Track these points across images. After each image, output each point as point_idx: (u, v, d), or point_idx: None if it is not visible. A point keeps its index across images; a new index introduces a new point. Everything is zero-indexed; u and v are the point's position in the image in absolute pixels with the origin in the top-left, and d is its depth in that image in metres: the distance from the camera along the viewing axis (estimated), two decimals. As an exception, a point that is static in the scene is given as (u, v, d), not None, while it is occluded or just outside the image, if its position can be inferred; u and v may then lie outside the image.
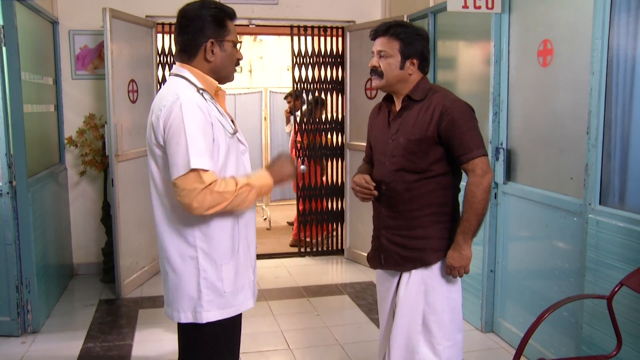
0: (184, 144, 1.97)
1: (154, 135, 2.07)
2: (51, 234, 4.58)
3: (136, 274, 4.99)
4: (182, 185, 1.97)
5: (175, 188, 1.99)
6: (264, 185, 2.14)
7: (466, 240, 2.37)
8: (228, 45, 2.15)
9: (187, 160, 1.95)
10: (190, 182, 1.96)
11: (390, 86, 2.47)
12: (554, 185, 3.34)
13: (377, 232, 2.61)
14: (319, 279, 5.33)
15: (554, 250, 3.31)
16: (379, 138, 2.56)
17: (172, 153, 1.99)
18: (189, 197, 1.96)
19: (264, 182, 2.15)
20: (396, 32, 2.42)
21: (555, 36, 3.30)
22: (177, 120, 1.98)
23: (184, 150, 1.96)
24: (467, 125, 2.33)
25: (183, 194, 1.97)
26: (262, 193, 2.14)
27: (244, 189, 2.05)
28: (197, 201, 1.95)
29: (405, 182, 2.42)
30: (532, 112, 3.56)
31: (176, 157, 1.98)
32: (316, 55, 5.80)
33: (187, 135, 1.97)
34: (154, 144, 2.08)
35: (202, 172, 1.96)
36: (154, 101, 2.12)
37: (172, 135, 1.99)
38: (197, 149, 1.97)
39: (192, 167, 1.95)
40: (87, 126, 5.11)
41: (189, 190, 1.96)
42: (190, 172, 1.96)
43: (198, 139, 1.98)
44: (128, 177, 4.79)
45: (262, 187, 2.13)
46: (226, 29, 2.14)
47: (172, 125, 1.99)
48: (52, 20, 4.99)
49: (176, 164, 1.98)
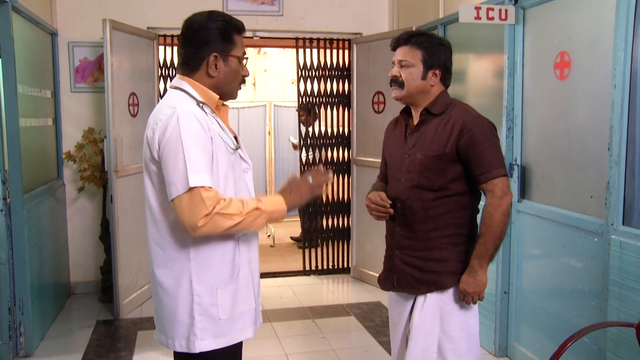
0: (181, 161, 1.86)
1: (149, 150, 1.97)
2: (48, 252, 4.47)
3: (135, 294, 4.87)
4: (181, 205, 1.86)
5: (174, 208, 1.88)
6: (276, 211, 2.03)
7: (482, 265, 2.27)
8: (233, 60, 2.05)
9: (186, 177, 1.85)
10: (190, 202, 1.85)
11: (411, 97, 2.38)
12: (573, 204, 3.22)
13: (390, 253, 2.50)
14: (325, 299, 5.22)
15: (573, 271, 3.18)
16: (395, 153, 2.47)
17: (169, 170, 1.89)
18: (190, 217, 1.85)
19: (277, 208, 2.03)
20: (419, 40, 2.34)
21: (574, 48, 3.20)
22: (174, 135, 1.88)
23: (182, 167, 1.86)
24: (488, 143, 2.25)
25: (183, 214, 1.86)
26: (272, 219, 2.03)
27: (253, 213, 1.95)
28: (200, 221, 1.85)
29: (422, 200, 2.33)
30: (549, 127, 3.45)
31: (174, 175, 1.87)
32: (322, 68, 5.72)
33: (185, 150, 1.86)
34: (149, 159, 1.98)
35: (202, 189, 1.86)
36: (150, 115, 2.02)
37: (168, 151, 1.89)
38: (196, 165, 1.86)
39: (191, 185, 1.84)
40: (86, 141, 5.03)
41: (190, 210, 1.85)
42: (190, 190, 1.85)
43: (196, 155, 1.87)
44: (128, 194, 4.70)
45: (274, 212, 2.02)
46: (232, 43, 2.04)
47: (169, 141, 1.88)
48: (51, 31, 4.92)
49: (174, 182, 1.87)
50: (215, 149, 1.95)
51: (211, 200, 1.86)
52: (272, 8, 5.46)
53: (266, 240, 7.30)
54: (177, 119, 1.88)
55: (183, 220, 1.87)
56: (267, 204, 2.00)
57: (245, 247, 2.08)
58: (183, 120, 1.89)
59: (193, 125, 1.90)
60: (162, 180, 1.94)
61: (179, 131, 1.87)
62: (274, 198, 2.05)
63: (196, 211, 1.85)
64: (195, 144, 1.88)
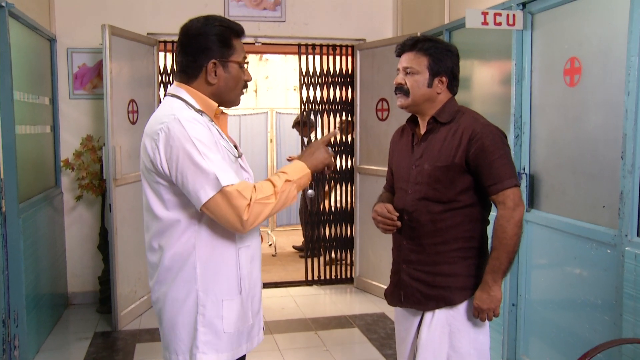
0: (202, 164, 1.80)
1: (151, 163, 1.88)
2: (44, 262, 4.40)
3: (134, 305, 4.79)
4: (218, 206, 1.81)
5: (210, 212, 1.83)
6: (303, 177, 1.98)
7: (496, 280, 2.19)
8: (233, 66, 1.97)
9: (215, 178, 1.79)
10: (227, 200, 1.79)
11: (417, 105, 2.30)
12: (584, 214, 3.14)
13: (396, 267, 2.41)
14: (328, 310, 5.13)
15: (584, 284, 3.09)
16: (402, 163, 2.39)
17: (190, 178, 1.81)
18: (234, 214, 1.80)
19: (302, 174, 1.98)
20: (424, 47, 2.26)
21: (584, 54, 3.12)
22: (184, 141, 1.81)
23: (206, 169, 1.80)
24: (499, 152, 2.16)
25: (223, 214, 1.81)
26: (302, 185, 1.98)
27: (285, 186, 1.90)
28: (244, 214, 1.80)
29: (430, 212, 2.24)
30: (558, 135, 3.37)
31: (199, 180, 1.80)
32: (325, 75, 5.67)
33: (202, 153, 1.80)
34: (154, 172, 1.89)
35: (232, 185, 1.81)
36: (147, 124, 1.94)
37: (183, 159, 1.81)
38: (219, 165, 1.82)
39: (223, 184, 1.79)
40: (85, 148, 4.96)
41: (230, 208, 1.80)
42: (222, 190, 1.80)
43: (215, 155, 1.82)
44: (127, 202, 4.62)
45: (301, 178, 1.97)
46: (232, 48, 1.96)
47: (180, 149, 1.81)
48: (50, 37, 4.87)
49: (202, 186, 1.80)
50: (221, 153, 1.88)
51: (247, 191, 1.82)
52: (275, 14, 5.41)
53: (268, 249, 7.23)
54: (181, 125, 1.82)
55: (227, 220, 1.82)
56: (292, 173, 1.95)
57: (246, 259, 2.01)
58: (187, 124, 1.83)
59: (200, 129, 1.84)
60: (174, 192, 1.87)
61: (187, 136, 1.81)
62: (295, 164, 2.00)
63: (237, 207, 1.80)
64: (209, 145, 1.83)
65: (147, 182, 1.94)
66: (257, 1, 5.35)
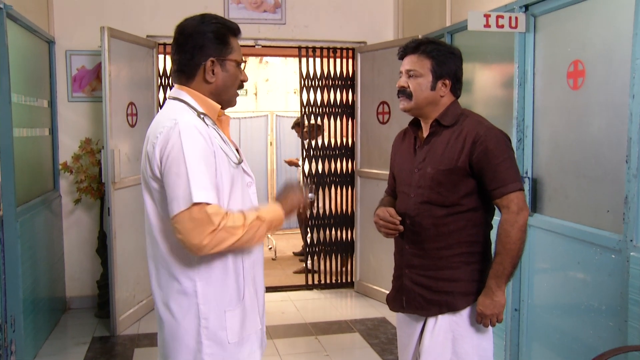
0: (184, 175, 1.75)
1: (149, 166, 1.86)
2: (42, 266, 4.37)
3: (133, 309, 4.75)
4: (183, 223, 1.75)
5: (176, 225, 1.77)
6: (275, 219, 1.93)
7: (499, 286, 2.17)
8: (230, 64, 1.95)
9: (189, 193, 1.74)
10: (193, 219, 1.73)
11: (419, 109, 2.27)
12: (587, 219, 3.10)
13: (399, 272, 2.38)
14: (328, 315, 5.10)
15: (588, 289, 3.06)
16: (404, 167, 2.36)
17: (171, 186, 1.78)
18: (192, 235, 1.73)
19: (275, 216, 1.93)
20: (427, 49, 2.24)
21: (588, 56, 3.09)
22: (176, 149, 1.77)
23: (184, 182, 1.75)
24: (502, 155, 2.15)
25: (186, 232, 1.74)
26: (272, 227, 1.92)
27: (254, 223, 1.84)
28: (206, 239, 1.73)
29: (433, 216, 2.22)
30: (561, 139, 3.34)
31: (176, 190, 1.76)
32: (325, 78, 5.64)
33: (188, 165, 1.75)
34: (150, 176, 1.87)
35: (206, 206, 1.74)
36: (149, 128, 1.91)
37: (170, 165, 1.78)
38: (199, 181, 1.75)
39: (195, 200, 1.73)
40: (83, 151, 4.93)
41: (193, 227, 1.73)
42: (193, 206, 1.73)
43: (200, 169, 1.76)
44: (125, 206, 4.59)
45: (273, 220, 1.92)
46: (229, 46, 1.94)
47: (171, 155, 1.78)
48: (48, 39, 4.84)
49: (176, 197, 1.76)
50: (218, 163, 1.84)
51: (217, 216, 1.75)
52: (275, 16, 5.39)
53: (268, 253, 7.19)
54: (178, 132, 1.78)
55: (186, 239, 1.75)
56: (265, 212, 1.90)
57: (249, 265, 1.98)
58: (185, 133, 1.78)
59: (196, 138, 1.79)
60: (164, 198, 1.83)
61: (180, 144, 1.77)
62: (270, 206, 1.96)
63: (201, 229, 1.74)
64: (198, 158, 1.78)
65: (147, 187, 1.91)
66: (257, 3, 5.33)
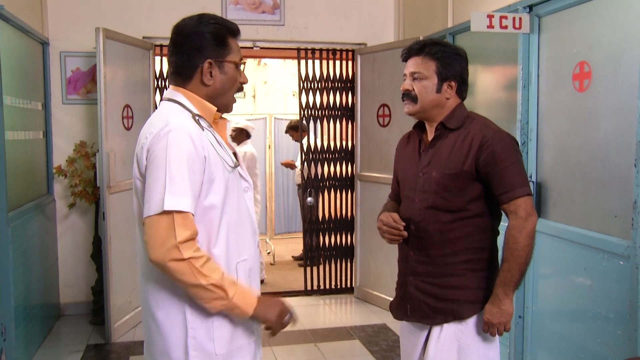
0: (161, 179, 1.69)
1: (137, 167, 1.81)
2: (36, 272, 4.31)
3: (128, 315, 4.70)
4: (150, 229, 1.69)
5: (145, 229, 1.71)
6: (239, 308, 1.77)
7: (507, 293, 2.12)
8: (229, 66, 1.88)
9: (162, 199, 1.67)
10: (158, 227, 1.67)
11: (425, 112, 2.23)
12: (594, 224, 3.06)
13: (403, 279, 2.33)
14: (328, 321, 5.05)
15: (595, 296, 3.01)
16: (408, 171, 2.31)
17: (147, 187, 1.72)
18: (156, 245, 1.67)
19: (243, 306, 1.77)
20: (432, 51, 2.20)
21: (594, 58, 3.05)
22: (161, 151, 1.72)
23: (160, 185, 1.69)
24: (510, 159, 2.10)
25: (150, 240, 1.69)
26: (229, 310, 1.78)
27: (218, 291, 1.72)
28: (171, 252, 1.66)
29: (438, 222, 2.17)
30: (567, 142, 3.30)
31: (151, 193, 1.70)
32: (324, 80, 5.60)
33: (168, 168, 1.69)
34: (137, 177, 1.82)
35: (177, 215, 1.68)
36: (142, 130, 1.86)
37: (151, 166, 1.72)
38: (177, 186, 1.69)
39: (166, 208, 1.66)
40: (78, 155, 4.88)
41: (157, 236, 1.67)
42: (163, 213, 1.67)
43: (181, 175, 1.70)
44: (121, 211, 4.54)
45: (236, 307, 1.76)
46: (227, 47, 1.87)
47: (155, 155, 1.72)
48: (42, 41, 4.79)
49: (148, 200, 1.70)
50: (211, 169, 1.78)
51: (183, 231, 1.67)
52: (273, 17, 5.34)
53: (266, 257, 7.14)
54: (167, 133, 1.73)
55: (148, 246, 1.69)
56: (239, 294, 1.76)
57: (244, 273, 1.91)
58: (174, 136, 1.72)
59: (184, 142, 1.73)
60: None
61: (166, 147, 1.71)
62: (248, 295, 1.80)
63: (164, 240, 1.67)
64: (181, 163, 1.71)
65: (136, 191, 1.85)
66: (256, 4, 5.28)
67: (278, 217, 8.42)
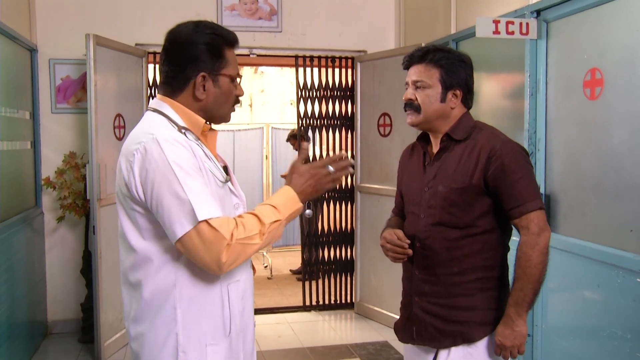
0: (180, 193, 1.61)
1: (125, 186, 1.70)
2: (22, 288, 4.22)
3: (119, 334, 4.60)
4: (193, 243, 1.61)
5: (183, 248, 1.63)
6: (293, 213, 1.77)
7: (520, 314, 2.03)
8: (224, 80, 1.79)
9: (191, 210, 1.60)
10: (202, 237, 1.60)
11: (429, 122, 2.15)
12: (608, 238, 2.96)
13: (408, 299, 2.24)
14: (327, 339, 4.95)
15: (610, 315, 2.91)
16: (412, 185, 2.23)
17: (167, 207, 1.63)
18: (210, 254, 1.60)
19: (294, 208, 1.77)
20: (435, 57, 2.12)
21: (606, 64, 2.97)
22: (162, 166, 1.62)
23: (183, 200, 1.61)
24: (521, 171, 2.02)
25: (197, 252, 1.62)
26: (290, 220, 1.78)
27: (273, 226, 1.70)
28: (223, 255, 1.60)
29: (445, 239, 2.09)
30: (577, 152, 3.21)
31: (175, 211, 1.62)
32: (323, 88, 5.53)
33: (181, 180, 1.61)
34: (129, 197, 1.71)
35: (211, 220, 1.61)
36: (124, 143, 1.76)
37: (160, 186, 1.63)
38: (198, 195, 1.62)
39: (200, 218, 1.60)
40: (67, 166, 4.79)
41: (207, 246, 1.60)
42: (200, 224, 1.60)
43: (195, 183, 1.63)
44: (112, 224, 4.43)
45: (291, 215, 1.77)
46: (223, 59, 1.78)
47: (157, 174, 1.63)
48: (30, 47, 4.71)
49: (178, 218, 1.61)
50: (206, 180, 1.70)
51: (224, 227, 1.61)
52: (270, 24, 5.27)
53: (263, 271, 7.05)
54: (159, 148, 1.63)
55: (202, 259, 1.62)
56: (283, 208, 1.74)
57: (236, 297, 1.81)
58: (167, 146, 1.64)
59: (179, 150, 1.65)
60: (151, 220, 1.69)
61: (166, 161, 1.62)
62: (287, 196, 1.77)
63: (215, 245, 1.60)
64: (189, 171, 1.64)
65: (123, 208, 1.75)
66: (252, 10, 5.22)
67: (276, 230, 8.33)
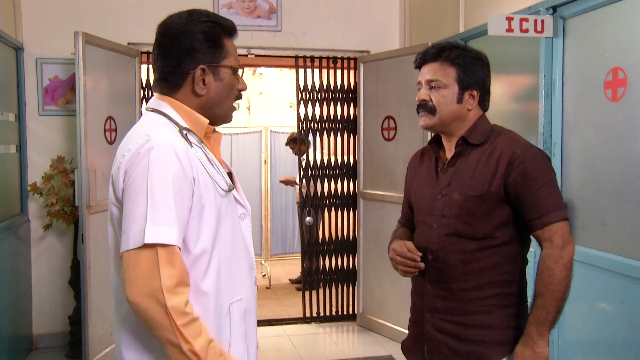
0: (142, 205, 1.47)
1: (113, 190, 1.58)
2: (5, 300, 4.10)
3: (109, 348, 4.46)
4: (127, 265, 1.47)
5: (122, 264, 1.49)
6: None
7: (541, 334, 1.92)
8: (225, 72, 1.67)
9: (142, 229, 1.45)
10: (137, 264, 1.45)
11: (444, 125, 2.05)
12: (631, 250, 2.84)
13: (418, 316, 2.13)
14: (328, 353, 4.85)
15: (636, 332, 2.78)
16: (423, 193, 2.12)
17: (125, 215, 1.49)
18: (134, 285, 1.45)
19: None
20: (451, 55, 2.03)
21: (630, 63, 2.85)
22: (141, 172, 1.49)
23: (141, 214, 1.46)
24: (544, 179, 1.92)
25: (126, 277, 1.46)
26: None
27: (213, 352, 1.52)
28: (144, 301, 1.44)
29: (461, 251, 1.97)
30: (597, 157, 3.09)
31: (130, 223, 1.48)
32: (325, 90, 5.43)
33: (150, 193, 1.47)
34: (113, 201, 1.59)
35: (162, 249, 1.45)
36: (119, 146, 1.63)
37: (130, 191, 1.50)
38: (161, 215, 1.46)
39: (147, 241, 1.44)
40: (55, 171, 4.69)
41: (133, 274, 1.45)
42: (144, 248, 1.45)
43: (165, 200, 1.47)
44: (102, 232, 4.30)
45: None
46: (223, 49, 1.66)
47: (133, 177, 1.49)
48: (16, 46, 4.60)
49: (127, 231, 1.48)
50: (201, 193, 1.56)
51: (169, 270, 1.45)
52: (270, 23, 5.16)
53: (261, 281, 6.94)
54: (148, 151, 1.50)
55: (125, 284, 1.46)
56: None
57: (237, 315, 1.68)
58: (156, 153, 1.50)
59: (169, 160, 1.51)
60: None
61: (147, 167, 1.49)
62: None
63: (145, 280, 1.45)
64: (166, 186, 1.49)
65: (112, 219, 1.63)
66: (250, 8, 5.11)
67: (274, 237, 8.21)
